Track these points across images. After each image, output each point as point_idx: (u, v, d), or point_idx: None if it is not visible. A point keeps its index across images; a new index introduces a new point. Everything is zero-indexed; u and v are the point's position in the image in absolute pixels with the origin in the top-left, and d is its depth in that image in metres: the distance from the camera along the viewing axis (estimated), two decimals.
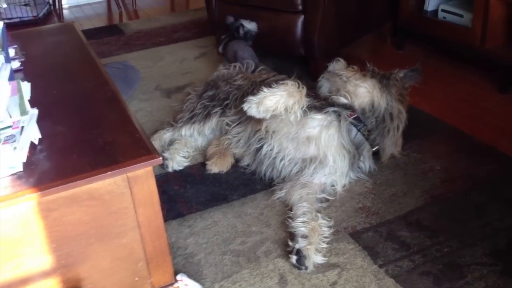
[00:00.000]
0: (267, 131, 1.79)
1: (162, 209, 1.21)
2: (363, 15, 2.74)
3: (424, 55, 2.87)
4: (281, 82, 1.72)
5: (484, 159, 1.92)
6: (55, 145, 1.20)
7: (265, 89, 1.69)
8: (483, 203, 1.69)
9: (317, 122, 1.75)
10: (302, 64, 2.77)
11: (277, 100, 1.66)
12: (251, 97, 1.69)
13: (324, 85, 1.91)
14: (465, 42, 2.53)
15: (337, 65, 1.97)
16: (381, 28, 3.07)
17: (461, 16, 2.61)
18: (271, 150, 1.81)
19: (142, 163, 1.12)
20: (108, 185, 1.11)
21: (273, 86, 1.70)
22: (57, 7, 4.18)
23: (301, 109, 1.70)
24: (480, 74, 2.59)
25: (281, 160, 1.80)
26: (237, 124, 1.98)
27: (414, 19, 2.83)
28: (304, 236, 1.54)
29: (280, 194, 1.77)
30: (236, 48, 2.58)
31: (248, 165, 1.94)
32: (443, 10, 2.72)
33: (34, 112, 1.28)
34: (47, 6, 4.24)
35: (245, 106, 1.69)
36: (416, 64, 1.92)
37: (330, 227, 1.61)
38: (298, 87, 1.71)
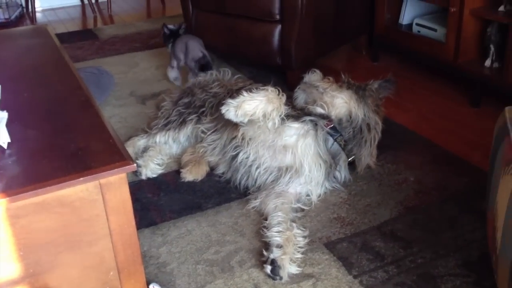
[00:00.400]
0: (243, 138, 1.78)
1: (135, 217, 1.19)
2: (339, 26, 2.77)
3: (398, 67, 2.91)
4: (261, 87, 1.71)
5: (456, 171, 1.95)
6: (25, 150, 1.16)
7: (244, 93, 1.67)
8: (455, 215, 1.71)
9: (294, 131, 1.75)
10: (278, 74, 2.78)
11: (256, 105, 1.65)
12: (229, 100, 1.67)
13: (300, 96, 1.91)
14: (438, 56, 2.57)
15: (313, 76, 1.97)
16: (357, 39, 3.10)
17: (435, 30, 2.66)
18: (247, 158, 1.80)
19: (116, 170, 1.09)
20: (79, 191, 1.08)
21: (253, 90, 1.69)
22: (30, 10, 4.10)
23: (280, 116, 1.70)
24: (453, 88, 2.64)
25: (256, 168, 1.79)
26: (212, 132, 1.96)
27: (389, 32, 2.87)
28: (279, 246, 1.52)
29: (255, 203, 1.76)
30: (186, 39, 2.68)
31: (223, 173, 1.92)
32: (417, 24, 2.76)
33: (4, 115, 1.24)
34: (20, 9, 4.16)
35: (223, 109, 1.67)
36: (389, 75, 1.94)
37: (305, 237, 1.60)
38: (278, 94, 1.71)
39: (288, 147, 1.75)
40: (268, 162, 1.78)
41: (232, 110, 1.66)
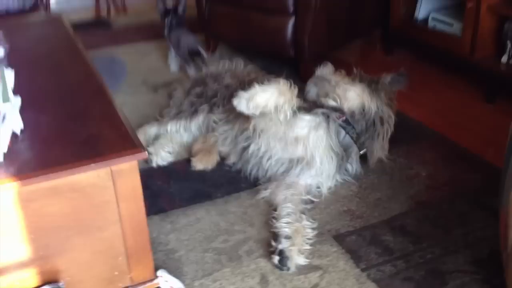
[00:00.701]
0: (254, 130, 1.78)
1: (145, 204, 1.19)
2: (353, 19, 2.75)
3: (412, 62, 2.88)
4: (273, 79, 1.71)
5: (469, 167, 1.93)
6: (38, 135, 1.17)
7: (256, 85, 1.67)
8: (466, 211, 1.70)
9: (306, 123, 1.74)
10: (291, 66, 2.76)
11: (268, 97, 1.65)
12: (241, 92, 1.67)
13: (312, 90, 1.90)
14: (454, 51, 2.54)
15: (325, 70, 1.96)
16: (372, 33, 3.08)
17: (451, 25, 2.62)
18: (258, 149, 1.79)
19: (127, 157, 1.09)
20: (91, 177, 1.08)
21: (264, 83, 1.69)
22: None
23: (291, 108, 1.69)
24: (468, 83, 2.61)
25: (267, 160, 1.79)
26: (224, 122, 1.96)
27: (404, 26, 2.84)
28: (288, 237, 1.52)
29: (264, 193, 1.76)
30: (178, 34, 2.71)
31: (234, 163, 1.92)
32: (433, 19, 2.73)
33: (17, 100, 1.25)
34: None
35: (235, 101, 1.67)
36: (401, 69, 1.93)
37: (314, 229, 1.60)
38: (290, 86, 1.70)
39: (299, 139, 1.74)
40: (279, 153, 1.78)
41: (244, 102, 1.65)
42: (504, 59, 2.38)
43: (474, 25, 2.41)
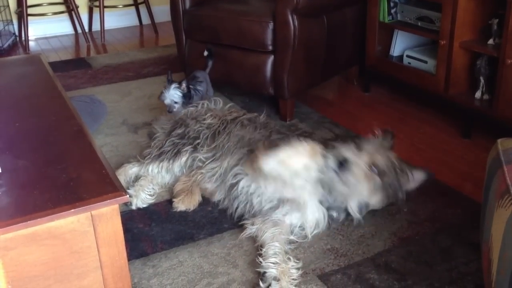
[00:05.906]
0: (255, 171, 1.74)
1: (125, 248, 1.17)
2: (331, 57, 2.80)
3: (389, 98, 2.94)
4: (302, 139, 1.70)
5: (449, 202, 1.95)
6: (16, 180, 1.15)
7: (285, 146, 1.65)
8: (449, 247, 1.70)
9: None
10: (271, 103, 2.79)
11: (299, 161, 1.64)
12: (270, 152, 1.64)
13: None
14: (429, 88, 2.60)
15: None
16: (349, 70, 3.14)
17: (425, 62, 2.69)
18: (249, 185, 1.78)
19: (108, 201, 1.08)
20: (70, 223, 1.06)
21: (292, 143, 1.67)
22: (23, 38, 4.12)
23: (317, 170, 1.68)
24: (444, 119, 2.66)
25: (258, 197, 1.77)
26: (212, 161, 1.95)
27: (380, 63, 2.91)
28: (276, 279, 1.50)
29: (250, 229, 1.73)
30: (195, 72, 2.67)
31: (219, 200, 1.90)
32: (408, 56, 2.80)
33: None
34: (13, 37, 4.17)
35: (261, 161, 1.65)
36: (387, 128, 1.94)
37: (298, 268, 1.58)
38: (319, 147, 1.69)
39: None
40: (270, 192, 1.76)
41: (273, 163, 1.64)
42: (477, 94, 2.44)
43: (447, 62, 2.48)
